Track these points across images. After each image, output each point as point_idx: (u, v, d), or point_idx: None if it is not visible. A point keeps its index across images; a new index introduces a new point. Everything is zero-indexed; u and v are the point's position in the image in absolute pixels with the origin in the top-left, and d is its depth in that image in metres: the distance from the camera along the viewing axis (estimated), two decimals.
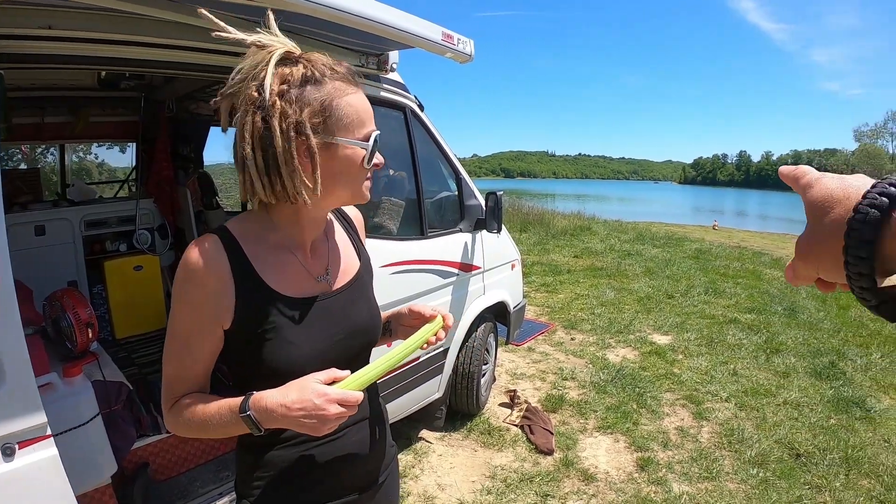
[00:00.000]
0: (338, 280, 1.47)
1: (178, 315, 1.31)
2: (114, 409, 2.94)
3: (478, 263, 4.48)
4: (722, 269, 12.13)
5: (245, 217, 1.40)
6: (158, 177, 5.71)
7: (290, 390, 1.20)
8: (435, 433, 4.63)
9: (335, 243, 1.52)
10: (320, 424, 1.17)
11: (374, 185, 3.76)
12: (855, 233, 0.58)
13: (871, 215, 0.56)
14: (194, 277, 1.28)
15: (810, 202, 0.66)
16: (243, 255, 1.32)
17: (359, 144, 1.30)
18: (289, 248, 1.39)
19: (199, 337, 1.31)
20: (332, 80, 1.26)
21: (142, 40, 2.43)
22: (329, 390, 1.19)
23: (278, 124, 1.20)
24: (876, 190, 0.58)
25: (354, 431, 1.47)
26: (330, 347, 1.38)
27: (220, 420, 1.26)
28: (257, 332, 1.31)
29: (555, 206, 27.20)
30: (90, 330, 3.16)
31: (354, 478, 1.50)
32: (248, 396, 1.23)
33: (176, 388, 1.34)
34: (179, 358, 1.33)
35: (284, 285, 1.35)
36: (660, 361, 6.45)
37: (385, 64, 3.47)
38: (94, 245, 5.43)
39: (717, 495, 3.91)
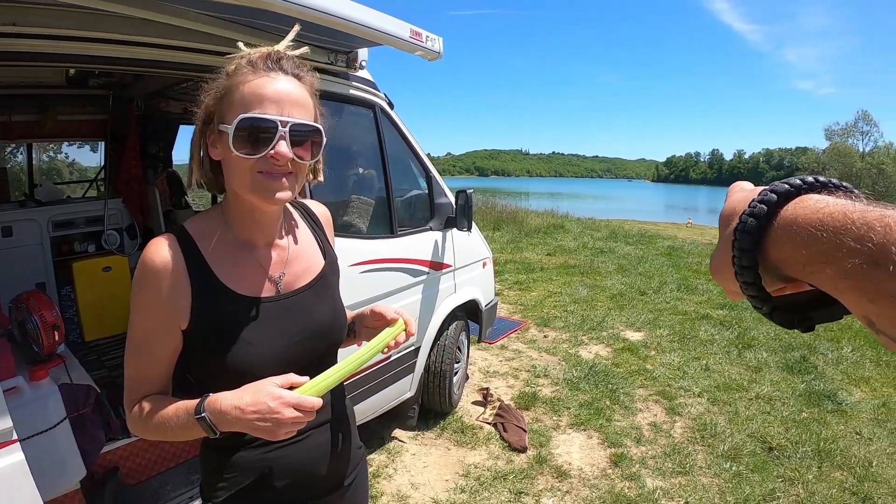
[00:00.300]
0: (298, 279, 1.44)
1: (135, 317, 1.29)
2: (82, 413, 2.89)
3: (448, 262, 4.47)
4: (694, 265, 12.23)
5: (203, 216, 1.39)
6: (127, 176, 5.63)
7: (246, 393, 1.17)
8: (408, 432, 4.61)
9: (297, 242, 1.48)
10: (275, 428, 1.14)
11: (344, 184, 3.77)
12: (738, 243, 0.58)
13: (749, 224, 0.56)
14: (149, 278, 1.26)
15: (720, 218, 0.67)
16: (199, 255, 1.30)
17: (225, 128, 1.21)
18: (246, 247, 1.36)
19: (156, 338, 1.29)
20: (242, 69, 1.23)
21: (109, 37, 2.39)
22: (285, 394, 1.15)
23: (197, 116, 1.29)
24: (757, 198, 0.57)
25: (319, 433, 1.45)
26: (289, 348, 1.35)
27: (177, 422, 1.23)
28: (213, 332, 1.29)
29: (528, 204, 27.31)
30: (56, 332, 3.11)
31: (320, 480, 1.48)
32: (203, 398, 1.21)
33: (137, 390, 1.32)
34: (138, 359, 1.31)
35: (241, 284, 1.33)
36: (632, 358, 6.49)
37: (354, 61, 3.45)
38: (62, 246, 5.34)
39: (690, 489, 3.93)
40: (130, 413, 1.32)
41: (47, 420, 2.58)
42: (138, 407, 1.31)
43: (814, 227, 0.50)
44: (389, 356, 3.88)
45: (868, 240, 0.46)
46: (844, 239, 0.47)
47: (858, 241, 0.46)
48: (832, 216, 0.49)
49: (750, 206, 0.57)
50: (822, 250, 0.49)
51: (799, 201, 0.54)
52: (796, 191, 0.56)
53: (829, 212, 0.50)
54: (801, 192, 0.55)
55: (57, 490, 2.64)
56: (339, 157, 3.80)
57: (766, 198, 0.56)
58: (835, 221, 0.49)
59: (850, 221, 0.47)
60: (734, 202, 0.64)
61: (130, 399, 1.33)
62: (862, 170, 48.73)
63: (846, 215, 0.48)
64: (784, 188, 0.56)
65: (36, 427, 2.50)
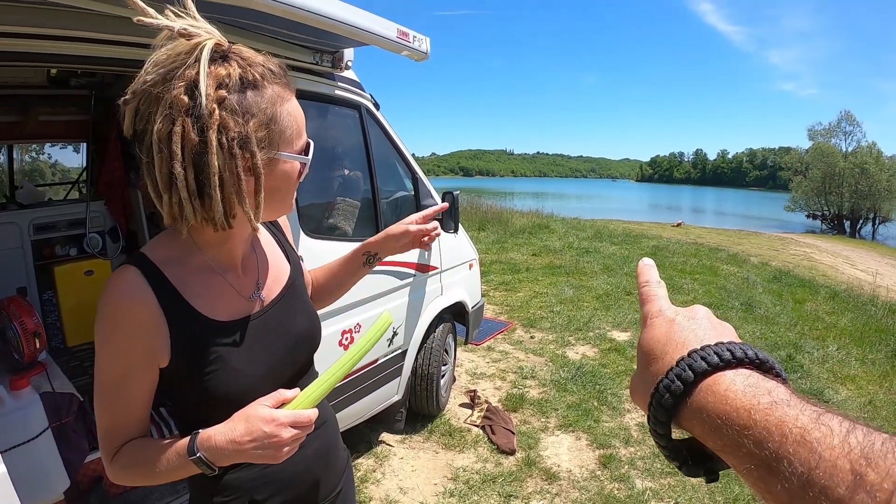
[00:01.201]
0: (271, 291, 1.37)
1: (104, 362, 1.16)
2: (65, 422, 2.84)
3: (435, 264, 4.45)
4: (679, 265, 12.29)
5: (164, 240, 1.25)
6: (109, 178, 5.55)
7: (237, 423, 1.11)
8: (395, 436, 4.59)
9: (263, 253, 1.41)
10: (276, 452, 1.10)
11: (329, 186, 3.74)
12: (653, 409, 0.59)
13: (665, 400, 0.57)
14: (117, 319, 1.14)
15: (639, 346, 0.67)
16: (169, 284, 1.19)
17: (300, 159, 1.19)
18: (216, 269, 1.27)
19: (130, 382, 1.18)
20: (271, 84, 1.12)
21: (91, 36, 2.35)
22: (278, 414, 1.10)
23: (217, 138, 1.03)
24: (675, 370, 0.58)
25: (312, 441, 1.41)
26: (275, 364, 1.30)
27: (167, 465, 1.14)
28: (198, 365, 1.20)
29: (513, 204, 27.36)
30: (38, 340, 3.06)
31: (316, 488, 1.45)
32: (194, 436, 1.13)
33: (114, 438, 1.21)
34: (112, 407, 1.19)
35: (218, 310, 1.25)
36: (619, 358, 6.49)
37: (340, 62, 3.42)
38: (43, 249, 5.25)
39: (679, 490, 3.93)
40: (110, 463, 1.21)
41: (29, 430, 2.54)
42: (118, 455, 1.20)
43: (720, 419, 0.52)
44: (376, 360, 3.85)
45: (765, 446, 0.47)
46: (745, 440, 0.49)
47: (757, 446, 0.48)
48: (737, 412, 0.51)
49: (668, 378, 0.58)
50: (725, 444, 0.51)
51: (712, 383, 0.55)
52: (713, 369, 0.55)
53: (735, 406, 0.51)
54: (717, 369, 0.55)
55: (41, 501, 2.61)
56: (325, 159, 3.77)
57: (684, 375, 0.56)
58: (739, 419, 0.50)
59: (753, 423, 0.49)
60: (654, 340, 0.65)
61: (109, 448, 1.21)
62: (845, 169, 49.01)
63: (750, 415, 0.49)
64: (701, 366, 0.56)
65: (17, 438, 2.47)
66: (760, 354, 0.57)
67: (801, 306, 9.21)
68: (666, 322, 0.66)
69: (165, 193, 1.06)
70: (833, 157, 50.85)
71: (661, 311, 0.68)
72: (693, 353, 0.58)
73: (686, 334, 0.62)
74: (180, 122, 1.01)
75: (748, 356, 0.56)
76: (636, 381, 0.66)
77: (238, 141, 1.06)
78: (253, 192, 1.10)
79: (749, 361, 0.56)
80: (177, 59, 1.03)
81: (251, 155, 1.08)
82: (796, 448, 0.45)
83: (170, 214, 1.10)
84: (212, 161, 1.03)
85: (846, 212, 49.94)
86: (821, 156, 51.74)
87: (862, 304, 9.75)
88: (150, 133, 1.03)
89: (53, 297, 5.14)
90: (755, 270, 12.76)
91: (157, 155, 1.03)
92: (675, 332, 0.63)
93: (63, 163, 8.66)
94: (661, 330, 0.65)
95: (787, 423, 0.47)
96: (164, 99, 1.02)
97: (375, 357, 3.85)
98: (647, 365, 0.63)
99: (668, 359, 0.60)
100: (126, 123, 1.07)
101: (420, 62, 3.69)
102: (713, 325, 0.64)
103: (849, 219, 50.05)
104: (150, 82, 1.03)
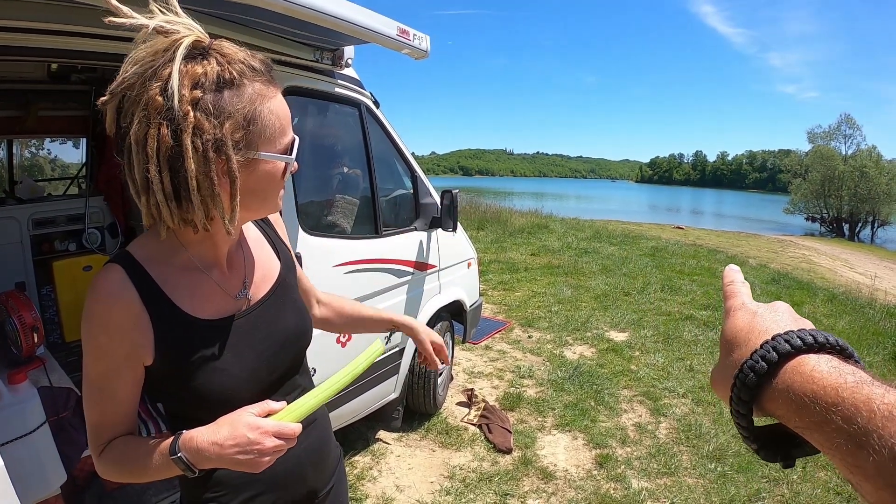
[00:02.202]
0: (259, 289, 1.35)
1: (90, 359, 1.15)
2: (62, 417, 2.84)
3: (433, 262, 4.45)
4: (678, 266, 12.29)
5: (148, 238, 1.22)
6: (109, 174, 5.54)
7: (221, 427, 1.10)
8: (392, 434, 4.59)
9: (249, 249, 1.38)
10: (258, 459, 1.09)
11: (328, 183, 3.74)
12: (737, 391, 0.61)
13: (750, 380, 0.59)
14: (101, 316, 1.13)
15: (722, 336, 0.70)
16: (153, 283, 1.17)
17: (282, 158, 1.16)
18: (201, 267, 1.24)
19: (115, 380, 1.17)
20: (251, 82, 1.09)
21: (92, 31, 2.34)
22: (263, 423, 1.10)
23: (191, 141, 1.01)
24: (759, 352, 0.60)
25: (304, 437, 1.41)
26: (263, 364, 1.29)
27: (151, 464, 1.14)
28: (183, 365, 1.19)
29: (512, 204, 27.32)
30: (36, 334, 3.06)
31: (308, 484, 1.44)
32: (177, 437, 1.12)
33: (102, 435, 1.20)
34: (100, 404, 1.19)
35: (203, 309, 1.23)
36: (617, 358, 6.49)
37: (340, 59, 3.42)
38: (42, 245, 5.24)
39: (676, 490, 3.93)
40: (99, 458, 1.21)
41: (26, 424, 2.54)
42: (106, 451, 1.20)
43: (807, 398, 0.54)
44: None
45: (854, 422, 0.49)
46: (833, 416, 0.50)
47: (846, 421, 0.49)
48: (825, 390, 0.53)
49: (752, 359, 0.60)
50: (813, 421, 0.53)
51: (797, 364, 0.57)
52: (796, 351, 0.58)
53: (822, 385, 0.53)
54: (800, 352, 0.58)
55: (37, 495, 2.61)
56: (324, 156, 3.77)
57: (768, 356, 0.59)
58: (826, 397, 0.52)
59: (841, 400, 0.51)
60: (737, 328, 0.67)
61: (97, 444, 1.21)
62: (844, 173, 49.04)
63: (837, 392, 0.51)
64: (785, 348, 0.58)
65: (15, 431, 2.46)
66: (841, 341, 0.59)
67: (800, 308, 9.15)
68: (748, 313, 0.69)
69: (143, 195, 1.05)
70: (833, 161, 50.85)
71: (744, 304, 0.71)
72: (777, 336, 0.60)
73: (768, 323, 0.65)
74: (156, 124, 0.99)
75: (829, 342, 0.58)
76: (718, 371, 0.68)
77: (213, 144, 1.03)
78: (228, 195, 1.08)
79: (830, 347, 0.58)
80: (154, 57, 1.01)
81: (226, 158, 1.05)
82: (885, 423, 0.46)
83: (148, 216, 1.09)
84: (188, 165, 1.01)
85: (845, 215, 49.99)
86: (820, 159, 51.74)
87: (860, 307, 9.74)
88: (128, 135, 1.02)
89: (52, 293, 5.13)
90: (754, 272, 12.75)
91: (135, 157, 1.02)
92: (757, 322, 0.66)
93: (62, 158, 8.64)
94: (744, 320, 0.68)
95: (875, 400, 0.48)
96: (142, 100, 1.00)
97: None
98: (730, 352, 0.66)
99: (751, 344, 0.63)
100: (108, 123, 1.05)
101: (420, 60, 3.70)
102: (794, 317, 0.67)
103: (848, 222, 50.10)
104: (128, 83, 1.01)
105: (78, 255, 5.30)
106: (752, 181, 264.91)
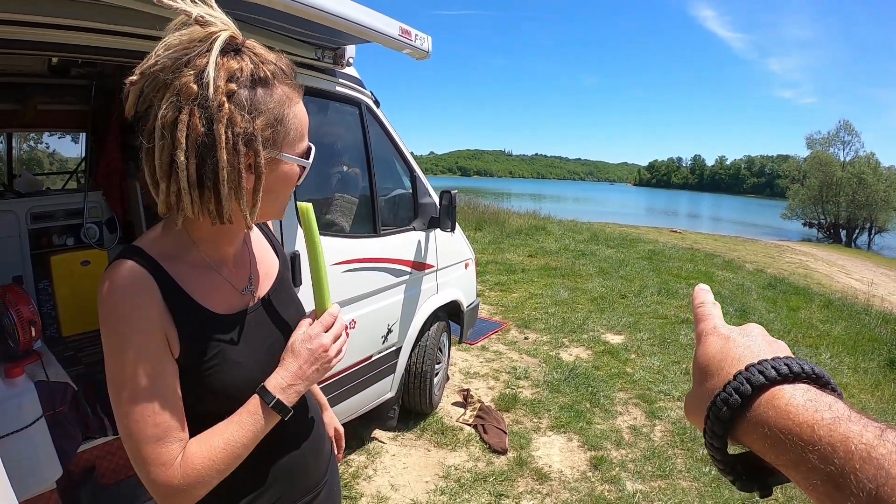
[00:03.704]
0: (263, 286, 1.37)
1: (131, 367, 1.08)
2: (58, 411, 2.84)
3: (431, 262, 4.46)
4: (675, 270, 12.31)
5: (157, 235, 1.21)
6: (108, 169, 5.54)
7: (287, 361, 1.22)
8: (388, 433, 4.59)
9: (252, 248, 1.40)
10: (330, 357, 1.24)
11: (328, 182, 3.74)
12: (709, 423, 0.60)
13: (723, 413, 0.58)
14: (131, 315, 1.07)
15: (695, 363, 0.68)
16: (170, 278, 1.14)
17: (302, 162, 1.19)
18: (211, 264, 1.24)
19: (163, 378, 1.11)
20: (281, 84, 1.11)
21: (93, 26, 2.34)
22: (310, 330, 1.23)
23: (225, 132, 1.01)
24: (733, 384, 0.59)
25: (303, 428, 1.42)
26: (272, 356, 1.27)
27: (244, 434, 1.13)
28: (201, 359, 1.17)
29: (510, 205, 27.36)
30: (33, 328, 3.06)
31: (309, 475, 1.44)
32: (261, 390, 1.19)
33: (170, 449, 1.10)
34: (154, 414, 1.09)
35: (216, 303, 1.23)
36: (613, 361, 6.50)
37: (341, 58, 3.42)
38: (40, 239, 5.23)
39: (670, 493, 3.94)
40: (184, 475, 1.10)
41: (23, 418, 2.54)
42: (186, 459, 1.11)
43: (783, 434, 0.52)
44: (370, 356, 3.86)
45: (831, 462, 0.47)
46: (809, 455, 0.49)
47: (822, 461, 0.48)
48: (800, 427, 0.51)
49: (725, 391, 0.59)
50: (789, 459, 0.52)
51: (772, 397, 0.55)
52: (770, 383, 0.56)
53: (797, 421, 0.52)
54: (774, 383, 0.56)
55: (32, 490, 2.61)
56: (324, 155, 3.77)
57: (741, 388, 0.57)
58: (802, 434, 0.51)
59: (817, 439, 0.49)
60: (709, 356, 0.66)
61: (168, 460, 1.09)
62: (842, 179, 49.05)
63: (814, 430, 0.50)
64: (759, 380, 0.57)
65: (11, 425, 2.47)
66: (816, 370, 0.58)
67: (796, 314, 9.24)
68: (721, 339, 0.67)
69: (164, 182, 1.05)
70: (831, 167, 50.88)
71: (716, 329, 0.69)
72: (750, 367, 0.59)
73: (741, 350, 0.63)
74: (187, 110, 0.99)
75: (805, 371, 0.57)
76: (691, 398, 0.67)
77: (244, 137, 1.04)
78: (252, 190, 1.09)
79: (806, 376, 0.57)
80: (189, 45, 1.01)
81: (255, 153, 1.07)
82: (863, 465, 0.45)
83: (165, 203, 1.08)
84: (220, 155, 1.01)
85: (842, 221, 50.00)
86: (819, 164, 51.76)
87: (856, 313, 9.77)
88: (152, 118, 1.02)
89: (49, 287, 5.13)
90: (750, 277, 12.78)
91: (159, 141, 1.02)
92: (730, 349, 0.65)
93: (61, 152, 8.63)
94: (717, 346, 0.66)
95: (852, 440, 0.47)
96: (173, 85, 1.00)
97: (370, 354, 3.85)
98: (703, 381, 0.65)
99: (724, 374, 0.61)
100: (129, 104, 1.05)
101: (421, 60, 3.70)
102: (767, 341, 0.65)
103: (845, 228, 50.13)
104: (160, 66, 1.01)
105: (76, 250, 5.30)
106: (750, 186, 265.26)
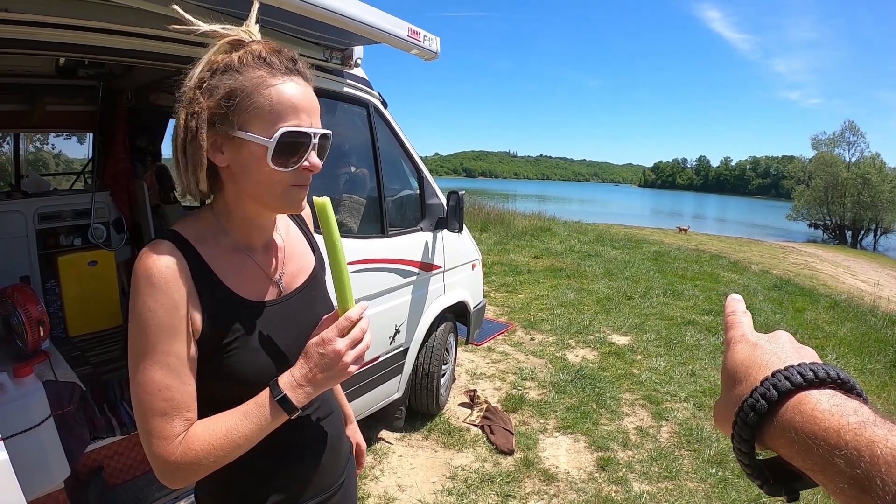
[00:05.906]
0: (295, 279, 1.39)
1: (153, 340, 1.11)
2: (66, 411, 2.84)
3: (438, 263, 4.46)
4: (680, 271, 12.29)
5: (194, 220, 1.27)
6: (115, 169, 5.56)
7: (300, 362, 1.18)
8: (395, 434, 4.60)
9: (288, 242, 1.42)
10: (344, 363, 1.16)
11: (335, 183, 3.74)
12: (738, 428, 0.61)
13: (750, 419, 0.59)
14: (162, 292, 1.10)
15: (724, 370, 0.69)
16: (202, 261, 1.19)
17: (258, 140, 1.13)
18: (244, 251, 1.28)
19: (184, 357, 1.14)
20: (256, 69, 1.12)
21: (101, 26, 2.35)
22: (324, 334, 1.16)
23: (183, 114, 1.11)
24: (759, 390, 0.60)
25: (321, 429, 1.42)
26: (289, 350, 1.28)
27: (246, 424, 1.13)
28: (224, 342, 1.19)
29: (515, 206, 27.29)
30: (41, 328, 3.07)
31: (327, 475, 1.45)
32: (272, 384, 1.16)
33: (174, 425, 1.13)
34: (166, 389, 1.12)
35: (246, 290, 1.26)
36: (619, 362, 6.50)
37: (349, 59, 3.42)
38: (47, 239, 5.25)
39: (677, 494, 3.94)
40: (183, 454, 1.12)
41: (31, 418, 2.54)
42: (187, 441, 1.13)
43: (809, 439, 0.53)
44: (378, 357, 3.87)
45: (857, 466, 0.48)
46: (836, 460, 0.50)
47: (849, 465, 0.49)
48: (826, 432, 0.52)
49: (752, 397, 0.60)
50: (816, 463, 0.52)
51: (798, 403, 0.56)
52: (796, 388, 0.57)
53: (824, 426, 0.52)
54: (800, 389, 0.57)
55: (40, 489, 2.61)
56: (332, 156, 3.76)
57: (768, 394, 0.58)
58: (829, 439, 0.51)
59: (844, 443, 0.50)
60: (738, 362, 0.67)
61: (171, 436, 1.12)
62: (847, 180, 48.94)
63: (840, 435, 0.51)
64: (786, 386, 0.58)
65: (20, 425, 2.47)
66: (842, 375, 0.58)
67: (801, 315, 9.22)
68: (749, 346, 0.68)
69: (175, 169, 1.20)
70: (836, 167, 50.75)
71: (745, 336, 0.70)
72: (777, 373, 0.60)
73: (769, 356, 0.64)
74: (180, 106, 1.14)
75: (831, 376, 0.58)
76: (720, 405, 0.68)
77: (195, 116, 1.11)
78: (203, 165, 1.15)
79: (832, 381, 0.58)
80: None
81: (196, 128, 1.12)
82: (888, 468, 0.46)
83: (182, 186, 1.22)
84: (177, 134, 1.14)
85: (848, 222, 49.91)
86: (824, 165, 51.64)
87: (862, 315, 9.72)
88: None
89: (56, 287, 5.15)
90: (756, 278, 12.74)
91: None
92: (758, 355, 0.65)
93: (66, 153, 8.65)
94: (745, 353, 0.67)
95: (878, 444, 0.48)
96: None
97: (377, 355, 3.85)
98: (732, 387, 0.66)
99: (751, 380, 0.62)
100: None
101: (429, 61, 3.70)
102: (795, 347, 0.66)
103: (850, 229, 50.02)
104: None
105: (83, 250, 5.32)
106: (756, 187, 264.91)
